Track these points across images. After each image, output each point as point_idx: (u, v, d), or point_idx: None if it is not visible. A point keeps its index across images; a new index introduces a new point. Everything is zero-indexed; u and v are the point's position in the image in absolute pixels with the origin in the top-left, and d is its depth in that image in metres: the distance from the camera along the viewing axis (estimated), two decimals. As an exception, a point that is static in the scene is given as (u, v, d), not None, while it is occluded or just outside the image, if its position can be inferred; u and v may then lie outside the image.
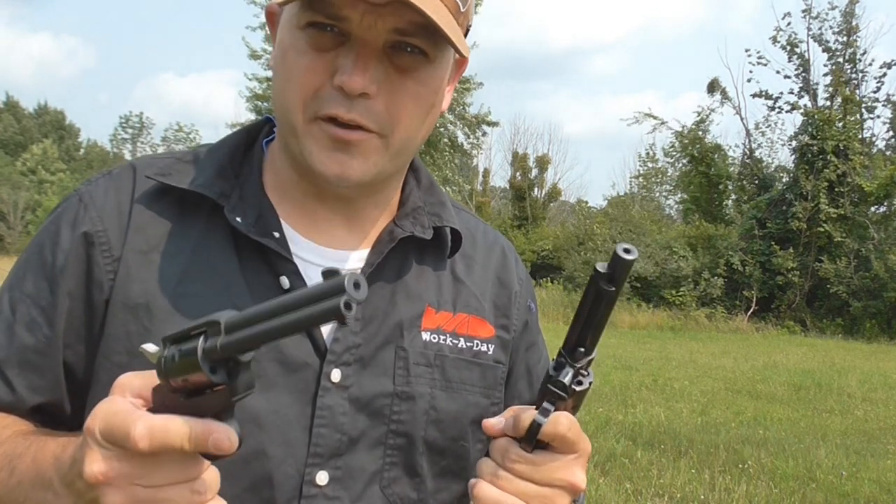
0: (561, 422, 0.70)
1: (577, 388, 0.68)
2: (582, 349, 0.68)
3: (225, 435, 0.56)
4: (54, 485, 0.62)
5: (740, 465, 5.31)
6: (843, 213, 19.40)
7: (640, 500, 4.56)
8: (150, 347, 0.60)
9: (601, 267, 0.63)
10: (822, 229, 19.23)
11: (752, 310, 19.12)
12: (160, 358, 0.58)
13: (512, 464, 0.71)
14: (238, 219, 0.80)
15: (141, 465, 0.55)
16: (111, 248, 0.79)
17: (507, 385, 0.94)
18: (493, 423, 0.74)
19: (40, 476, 0.64)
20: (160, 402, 0.58)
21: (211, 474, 0.59)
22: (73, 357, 0.79)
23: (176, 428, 0.55)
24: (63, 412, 0.80)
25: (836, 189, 19.64)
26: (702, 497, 4.62)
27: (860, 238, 19.17)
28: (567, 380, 0.68)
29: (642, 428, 6.37)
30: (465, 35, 0.83)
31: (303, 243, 0.84)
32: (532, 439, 0.70)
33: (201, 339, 0.54)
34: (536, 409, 0.71)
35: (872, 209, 19.90)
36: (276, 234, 0.81)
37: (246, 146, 0.89)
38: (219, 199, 0.80)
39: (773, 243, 19.81)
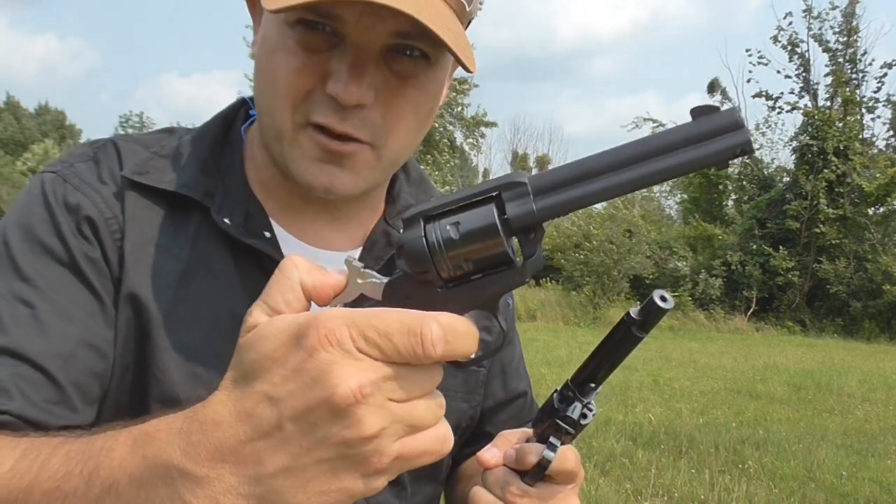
0: (569, 458, 0.70)
1: (584, 423, 0.69)
2: (592, 385, 0.68)
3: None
4: (195, 467, 0.45)
5: (740, 465, 5.30)
6: (842, 213, 19.38)
7: (640, 500, 4.55)
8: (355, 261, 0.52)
9: (634, 313, 0.62)
10: (818, 230, 19.21)
11: (751, 310, 19.10)
12: (422, 238, 0.48)
13: (515, 498, 0.70)
14: (226, 220, 0.76)
15: (397, 374, 0.45)
16: (120, 234, 0.74)
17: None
18: (489, 456, 0.72)
19: (157, 465, 0.46)
20: (398, 302, 0.50)
21: None
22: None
23: (465, 329, 0.46)
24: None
25: (836, 189, 19.62)
26: (701, 497, 4.61)
27: (859, 239, 19.15)
28: (576, 415, 0.68)
29: (642, 428, 6.36)
30: (466, 27, 0.76)
31: (293, 243, 0.80)
32: (539, 476, 0.69)
33: (492, 206, 0.48)
34: (535, 435, 0.71)
35: (871, 210, 19.88)
36: (267, 234, 0.78)
37: (224, 133, 0.84)
38: (204, 200, 0.77)
39: (772, 243, 19.78)
